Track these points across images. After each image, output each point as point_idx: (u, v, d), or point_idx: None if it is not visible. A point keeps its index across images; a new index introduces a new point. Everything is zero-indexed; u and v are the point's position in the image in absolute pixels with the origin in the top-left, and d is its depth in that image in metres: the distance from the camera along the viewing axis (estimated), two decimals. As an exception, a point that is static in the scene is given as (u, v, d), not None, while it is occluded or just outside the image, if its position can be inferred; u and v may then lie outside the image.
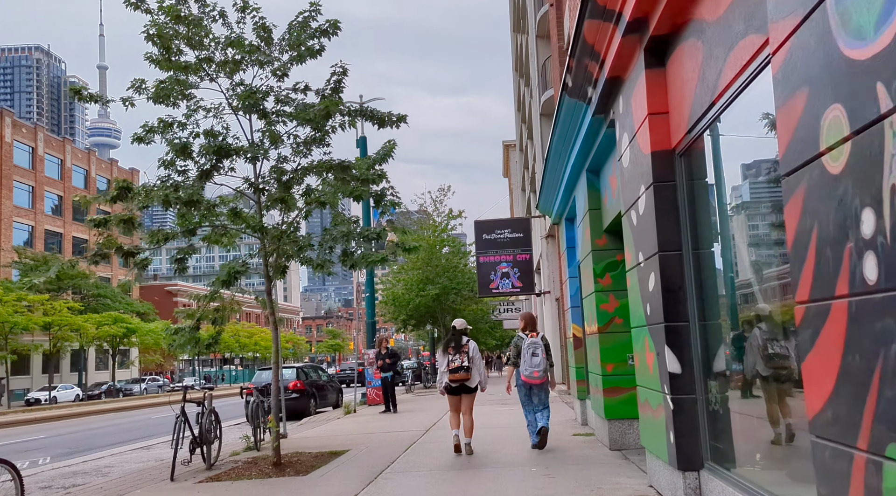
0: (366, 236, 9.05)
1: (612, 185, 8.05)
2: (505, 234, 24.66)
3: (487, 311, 36.12)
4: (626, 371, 8.69)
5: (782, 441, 4.06)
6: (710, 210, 4.97)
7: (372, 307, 23.03)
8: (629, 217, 6.19)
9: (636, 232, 5.93)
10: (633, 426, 8.64)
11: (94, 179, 70.15)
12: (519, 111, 39.39)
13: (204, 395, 9.41)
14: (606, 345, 8.81)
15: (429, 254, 32.26)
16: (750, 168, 4.40)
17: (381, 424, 14.52)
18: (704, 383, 5.00)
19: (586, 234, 9.26)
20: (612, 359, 8.78)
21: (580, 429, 11.30)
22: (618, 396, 8.70)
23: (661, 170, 5.27)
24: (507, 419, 13.49)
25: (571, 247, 12.38)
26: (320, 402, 20.73)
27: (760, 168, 4.20)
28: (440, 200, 34.72)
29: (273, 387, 9.61)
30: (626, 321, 8.73)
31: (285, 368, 20.71)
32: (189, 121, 9.23)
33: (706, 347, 5.03)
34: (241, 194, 9.67)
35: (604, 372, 8.79)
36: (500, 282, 24.43)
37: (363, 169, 9.56)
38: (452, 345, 8.90)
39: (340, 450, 10.36)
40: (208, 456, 9.21)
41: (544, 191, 12.49)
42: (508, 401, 17.78)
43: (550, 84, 22.49)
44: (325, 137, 9.62)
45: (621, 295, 8.79)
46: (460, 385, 8.92)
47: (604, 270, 8.91)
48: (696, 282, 5.10)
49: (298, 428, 15.70)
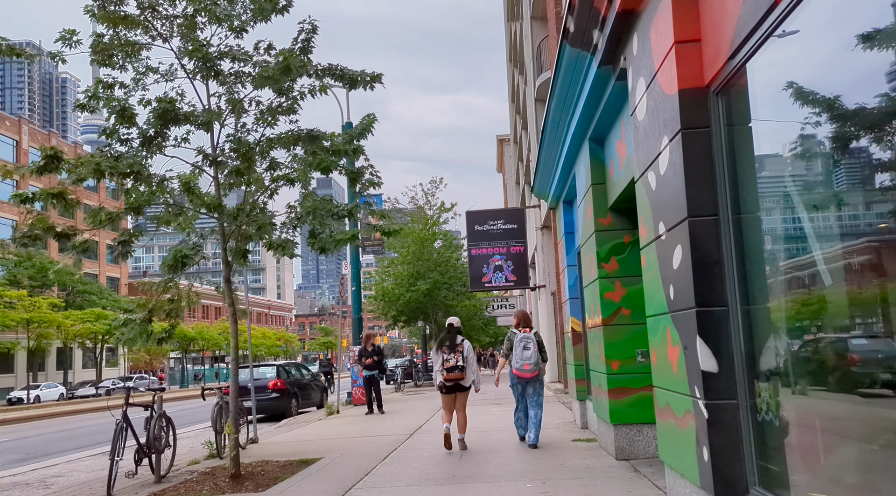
0: (334, 213, 7.89)
1: (619, 152, 6.93)
2: (498, 225, 23.53)
3: (481, 308, 34.95)
4: (634, 369, 7.58)
5: (865, 462, 2.96)
6: (757, 162, 3.85)
7: (358, 302, 21.86)
8: (645, 182, 5.07)
9: (655, 198, 4.81)
10: (642, 432, 7.53)
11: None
12: (513, 102, 38.29)
13: (153, 398, 8.26)
14: (612, 340, 7.70)
15: (420, 247, 31.10)
16: (816, 102, 3.27)
17: (362, 427, 13.38)
18: (749, 384, 3.88)
19: (588, 214, 8.14)
20: (619, 355, 7.67)
21: (580, 433, 10.19)
22: (625, 398, 7.59)
23: (692, 113, 4.14)
24: (499, 420, 12.38)
25: (570, 232, 11.26)
26: (303, 402, 19.55)
27: (838, 102, 3.08)
28: (432, 193, 33.59)
29: (231, 387, 8.45)
30: (634, 311, 7.63)
31: (265, 366, 19.56)
32: (138, 85, 8.08)
33: (751, 338, 3.91)
34: (200, 171, 8.51)
35: (609, 370, 7.68)
36: (493, 276, 23.30)
37: (339, 143, 8.43)
38: (447, 344, 8.90)
39: (312, 458, 9.22)
40: (157, 466, 8.05)
41: (540, 169, 11.36)
42: (501, 401, 16.67)
43: (546, 66, 21.38)
44: (294, 105, 8.48)
45: (629, 282, 7.69)
46: (454, 384, 8.94)
47: (609, 254, 7.79)
48: (737, 256, 3.98)
49: (275, 431, 14.55)
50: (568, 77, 7.24)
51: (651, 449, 7.48)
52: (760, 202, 3.88)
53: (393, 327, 36.35)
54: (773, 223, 3.81)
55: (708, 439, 3.96)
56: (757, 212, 3.92)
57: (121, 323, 9.03)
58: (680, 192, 4.21)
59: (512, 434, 10.29)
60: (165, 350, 59.50)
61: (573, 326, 11.10)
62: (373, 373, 16.85)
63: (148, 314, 8.88)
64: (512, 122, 40.43)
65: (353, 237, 7.54)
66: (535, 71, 22.99)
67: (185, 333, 58.14)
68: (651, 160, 4.85)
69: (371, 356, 17.16)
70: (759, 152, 3.85)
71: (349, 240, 7.58)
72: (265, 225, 7.67)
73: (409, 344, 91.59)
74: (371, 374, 16.86)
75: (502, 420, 12.57)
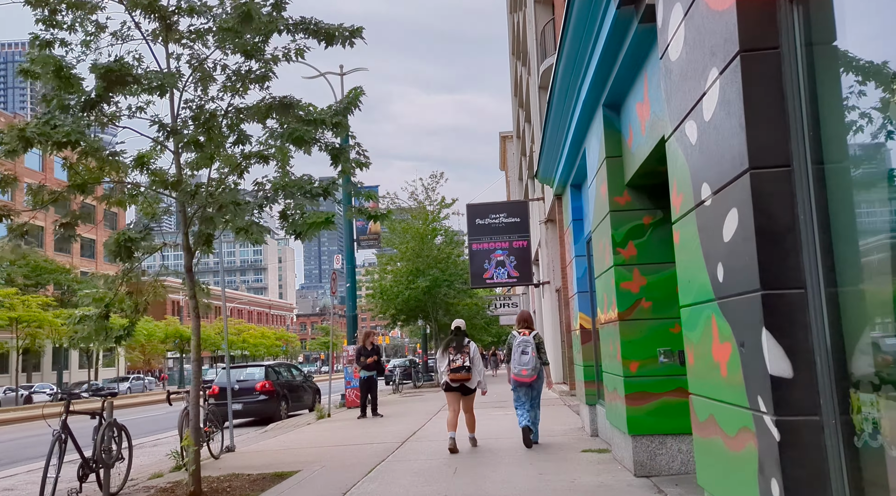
0: (307, 190, 6.84)
1: (640, 115, 5.88)
2: (500, 218, 22.47)
3: (483, 306, 33.86)
4: (656, 371, 6.53)
5: None
6: (846, 94, 2.80)
7: (353, 299, 20.82)
8: (680, 136, 4.02)
9: (697, 153, 3.76)
10: (665, 444, 6.47)
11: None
12: (516, 96, 37.27)
13: (103, 405, 7.22)
14: (630, 337, 6.64)
15: (419, 244, 30.03)
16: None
17: (353, 433, 12.34)
18: (839, 395, 2.83)
19: (602, 192, 7.08)
20: (638, 354, 6.61)
21: (590, 441, 9.14)
22: (645, 404, 6.53)
23: (755, 29, 3.09)
24: (500, 426, 11.34)
25: (578, 219, 10.21)
26: (293, 405, 18.51)
27: None
28: (432, 188, 32.50)
29: (192, 392, 7.37)
30: (656, 304, 6.59)
31: (253, 367, 18.54)
32: (89, 48, 7.05)
33: (840, 332, 2.86)
34: (161, 147, 7.48)
35: (626, 372, 6.62)
36: (495, 272, 22.23)
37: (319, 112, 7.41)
38: (454, 345, 8.94)
39: (289, 471, 8.18)
40: (106, 483, 7.00)
41: (545, 150, 10.30)
42: (504, 404, 15.64)
43: (550, 51, 20.33)
44: (267, 72, 7.45)
45: (650, 270, 6.64)
46: (460, 385, 8.95)
47: (626, 237, 6.74)
48: (820, 220, 2.93)
49: (259, 437, 13.52)
50: (580, 29, 6.18)
51: (676, 464, 6.43)
52: (850, 148, 2.84)
53: (393, 326, 35.24)
54: (869, 175, 2.77)
55: (780, 469, 2.91)
56: (845, 161, 2.87)
57: (76, 320, 8.02)
58: (736, 137, 3.16)
59: (515, 441, 9.26)
60: (162, 350, 58.48)
61: (582, 323, 10.05)
62: (371, 374, 15.72)
63: (105, 309, 7.86)
64: (514, 117, 39.48)
65: (327, 220, 6.49)
66: (538, 57, 21.94)
67: (182, 333, 57.13)
68: (690, 107, 3.79)
69: (371, 355, 16.02)
70: (850, 81, 2.81)
71: (323, 223, 6.53)
72: (227, 205, 6.62)
73: (411, 344, 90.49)
74: (369, 375, 15.69)
75: (504, 425, 11.53)
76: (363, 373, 15.71)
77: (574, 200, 10.28)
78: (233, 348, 70.80)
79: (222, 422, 17.59)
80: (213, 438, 9.87)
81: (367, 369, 15.62)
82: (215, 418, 10.20)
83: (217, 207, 6.68)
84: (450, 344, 8.98)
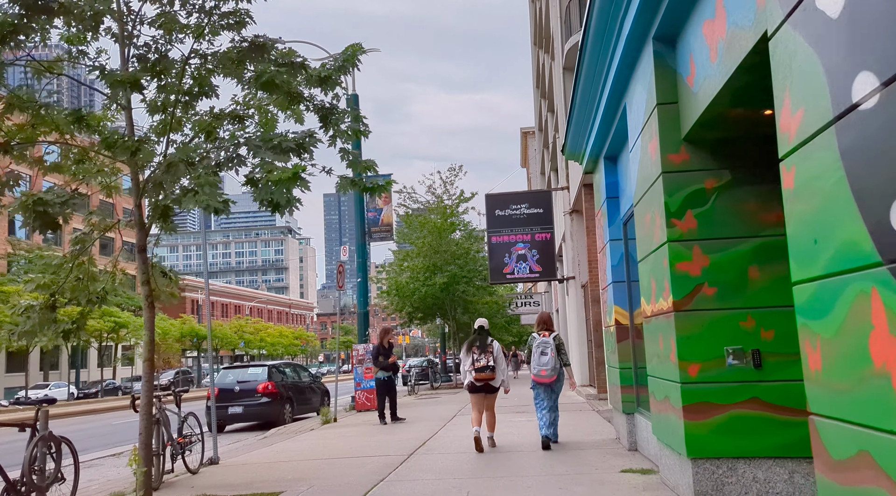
0: (275, 144, 5.48)
1: (709, 38, 4.44)
2: (522, 209, 20.98)
3: (503, 305, 32.39)
4: (723, 375, 5.09)
5: None
6: None
7: (364, 295, 19.49)
8: (804, 19, 2.60)
9: (841, 33, 2.33)
10: (737, 471, 5.03)
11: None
12: (538, 88, 35.86)
13: (36, 415, 5.91)
14: (688, 332, 5.20)
15: (437, 239, 28.62)
16: None
17: (356, 442, 10.99)
18: None
19: (651, 151, 5.65)
20: (699, 355, 5.17)
21: (629, 458, 7.70)
22: (709, 419, 5.09)
23: None
24: (521, 433, 9.93)
25: (613, 196, 8.77)
26: (299, 407, 17.23)
27: None
28: (451, 182, 31.06)
29: (142, 400, 6.03)
30: (723, 290, 5.16)
31: (255, 367, 17.28)
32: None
33: None
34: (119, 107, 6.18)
35: (683, 377, 5.18)
36: (516, 266, 20.76)
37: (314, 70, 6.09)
38: (477, 344, 8.93)
39: (270, 492, 6.84)
40: (39, 509, 5.70)
41: (575, 116, 8.85)
42: (525, 409, 14.23)
43: (575, 29, 18.85)
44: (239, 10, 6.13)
45: (714, 247, 5.20)
46: (484, 384, 8.89)
47: (683, 206, 5.30)
48: None
49: (255, 444, 12.23)
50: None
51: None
52: None
53: (409, 325, 33.86)
54: None
55: None
56: None
57: (20, 311, 6.78)
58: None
59: (539, 454, 7.87)
60: (177, 348, 57.72)
61: (617, 318, 8.61)
62: (389, 375, 13.85)
63: (51, 299, 6.61)
64: (536, 109, 38.10)
65: (294, 175, 5.13)
66: (563, 36, 20.48)
67: (198, 332, 56.31)
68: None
69: (390, 354, 14.44)
70: None
71: (291, 178, 5.17)
72: (176, 163, 5.26)
73: (431, 344, 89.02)
74: (388, 377, 13.84)
75: (525, 432, 10.13)
76: (381, 374, 13.90)
77: (608, 175, 8.84)
78: (251, 348, 69.99)
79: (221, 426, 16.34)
80: (191, 450, 8.57)
81: (385, 370, 14.04)
82: (198, 425, 8.89)
83: (166, 167, 5.33)
84: (473, 343, 8.98)
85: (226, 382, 16.41)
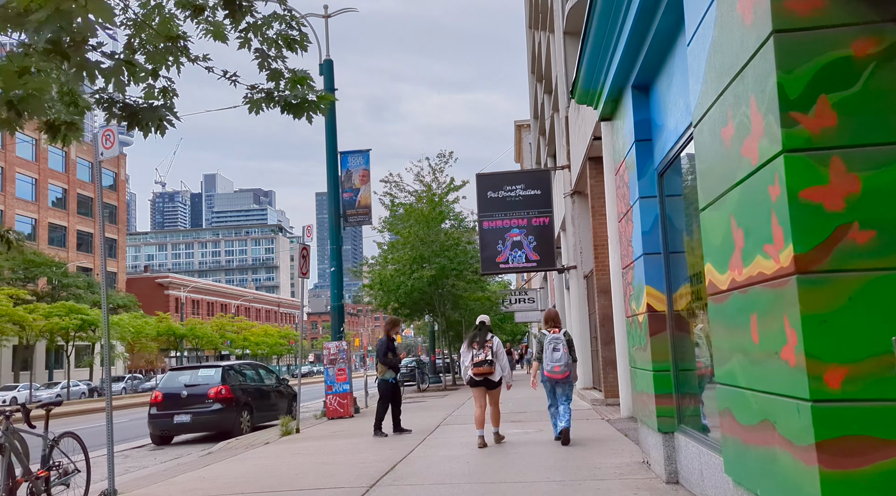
0: None
1: None
2: (517, 191, 18.65)
3: (496, 301, 30.09)
4: (894, 387, 2.81)
5: None
6: None
7: (339, 286, 17.17)
8: None
9: None
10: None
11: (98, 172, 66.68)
12: (534, 72, 33.71)
13: None
14: (824, 308, 2.92)
15: (424, 228, 26.30)
16: None
17: (311, 462, 8.68)
18: None
19: (746, 5, 3.36)
20: (846, 351, 2.89)
21: (668, 494, 5.44)
22: (869, 466, 2.81)
23: None
24: (518, 454, 7.63)
25: (644, 139, 6.50)
26: (260, 415, 14.87)
27: None
28: (440, 169, 28.74)
29: None
30: (884, 237, 2.86)
31: (207, 368, 14.92)
32: None
33: None
34: None
35: (815, 390, 2.90)
36: (511, 255, 18.45)
37: None
38: (477, 340, 9.02)
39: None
40: None
41: (592, 34, 6.52)
42: (522, 417, 11.98)
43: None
44: None
45: (871, 159, 2.93)
46: (484, 379, 8.97)
47: (812, 88, 3.01)
48: None
49: (188, 463, 9.90)
50: None
51: None
52: None
53: (398, 322, 31.53)
54: None
55: None
56: None
57: None
58: None
59: (542, 491, 5.62)
60: (154, 348, 55.10)
61: (649, 302, 6.34)
62: (395, 377, 11.32)
63: None
64: (532, 96, 35.99)
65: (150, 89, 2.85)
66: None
67: (175, 330, 53.74)
68: None
69: (399, 351, 11.89)
70: None
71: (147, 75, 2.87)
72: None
73: (423, 343, 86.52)
74: (394, 378, 11.31)
75: (524, 451, 7.85)
76: (389, 374, 11.28)
77: (638, 111, 6.56)
78: (234, 348, 67.38)
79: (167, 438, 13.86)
80: (69, 483, 6.25)
81: (393, 369, 11.33)
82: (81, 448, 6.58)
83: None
84: (473, 339, 9.10)
85: (172, 386, 14.06)
